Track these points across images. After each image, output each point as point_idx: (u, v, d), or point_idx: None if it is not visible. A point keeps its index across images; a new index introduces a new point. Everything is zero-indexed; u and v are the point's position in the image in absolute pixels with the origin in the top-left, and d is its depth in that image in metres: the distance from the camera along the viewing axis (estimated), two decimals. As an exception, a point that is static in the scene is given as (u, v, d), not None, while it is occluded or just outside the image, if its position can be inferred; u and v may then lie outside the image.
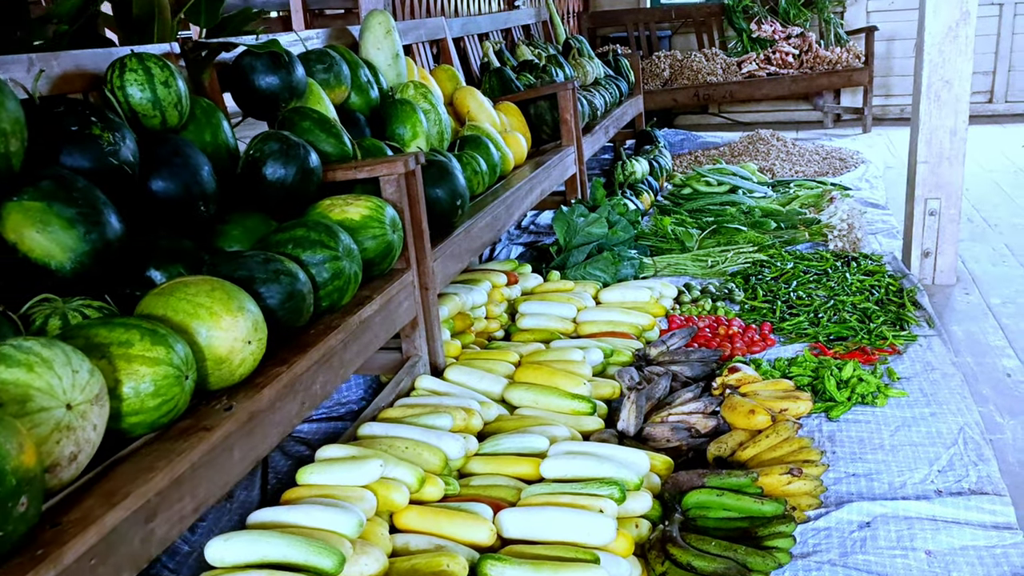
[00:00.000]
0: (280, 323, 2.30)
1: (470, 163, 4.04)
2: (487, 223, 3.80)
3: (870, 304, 3.95)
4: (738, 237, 4.93)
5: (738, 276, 4.52)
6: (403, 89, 4.03)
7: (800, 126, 9.35)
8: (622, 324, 3.75)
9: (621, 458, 2.49)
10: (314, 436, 3.25)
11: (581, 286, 4.14)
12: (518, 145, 4.77)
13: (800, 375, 3.32)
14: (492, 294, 3.86)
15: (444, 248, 3.32)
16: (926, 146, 4.14)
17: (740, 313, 4.09)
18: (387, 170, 2.93)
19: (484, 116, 4.72)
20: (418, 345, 3.08)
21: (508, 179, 4.49)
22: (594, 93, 6.12)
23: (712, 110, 9.63)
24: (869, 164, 7.05)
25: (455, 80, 4.87)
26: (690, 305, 4.16)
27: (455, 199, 3.37)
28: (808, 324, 3.84)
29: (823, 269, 4.47)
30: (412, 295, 3.02)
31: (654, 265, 4.71)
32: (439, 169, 3.38)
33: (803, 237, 5.03)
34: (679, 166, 7.41)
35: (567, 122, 5.23)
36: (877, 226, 5.37)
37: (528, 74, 5.76)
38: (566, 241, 4.69)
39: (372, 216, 2.79)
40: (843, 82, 8.39)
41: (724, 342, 3.71)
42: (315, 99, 3.36)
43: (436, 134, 4.05)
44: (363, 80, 3.75)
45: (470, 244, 3.58)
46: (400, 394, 2.90)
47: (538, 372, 3.08)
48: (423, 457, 2.36)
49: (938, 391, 3.22)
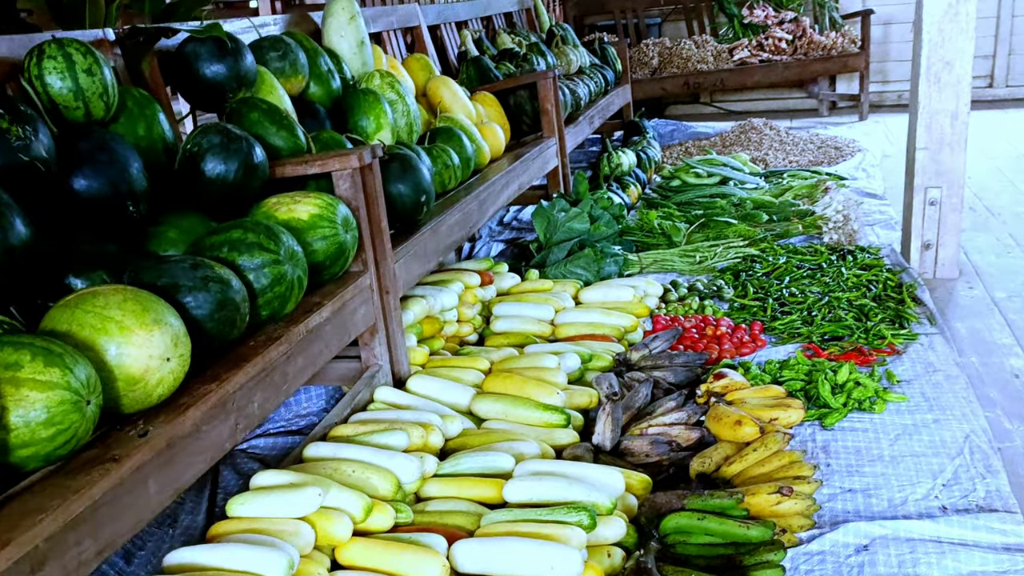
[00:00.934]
0: (210, 336, 2.07)
1: (440, 156, 3.81)
2: (458, 220, 3.56)
3: (867, 300, 3.71)
4: (728, 231, 4.69)
5: (727, 272, 4.28)
6: (368, 79, 3.79)
7: (794, 114, 9.10)
8: (603, 326, 3.52)
9: (593, 478, 2.25)
10: (270, 452, 3.02)
11: (561, 285, 3.91)
12: (495, 137, 4.54)
13: (792, 379, 3.09)
14: (464, 296, 3.62)
15: (408, 248, 3.08)
16: (926, 131, 3.91)
17: (729, 312, 3.85)
18: (340, 165, 2.69)
19: (458, 107, 4.48)
20: (378, 354, 2.84)
21: (484, 173, 4.26)
22: (578, 82, 5.88)
23: (703, 99, 9.38)
24: (866, 152, 6.81)
25: (428, 69, 4.62)
26: (676, 304, 3.93)
27: (419, 195, 3.14)
28: (801, 323, 3.61)
29: (817, 263, 4.24)
30: (370, 300, 2.79)
31: (639, 261, 4.47)
32: (402, 163, 3.14)
33: (796, 230, 4.80)
34: (669, 157, 7.17)
35: (548, 112, 4.99)
36: (874, 217, 5.13)
37: (508, 63, 5.51)
38: (546, 238, 4.46)
39: (322, 215, 2.56)
40: (838, 68, 8.14)
41: (711, 344, 3.48)
42: (267, 89, 3.13)
43: (404, 126, 3.81)
44: (323, 69, 3.51)
45: (438, 243, 3.35)
46: (356, 408, 2.67)
47: (508, 381, 2.85)
48: (372, 482, 2.13)
49: (941, 395, 2.99)
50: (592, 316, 3.57)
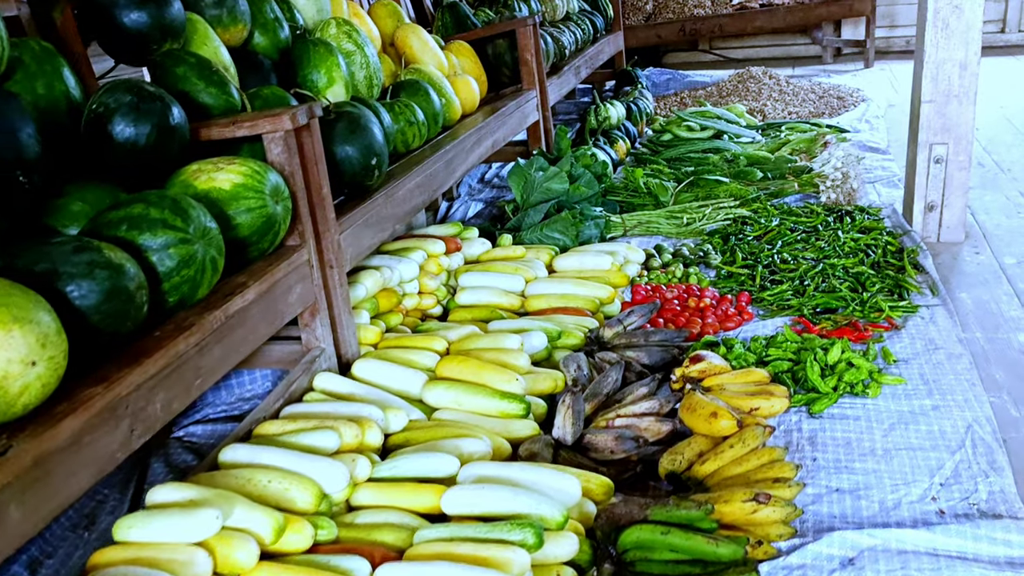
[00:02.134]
0: (98, 330, 1.80)
1: (403, 113, 3.50)
2: (419, 183, 3.27)
3: (864, 268, 3.42)
4: (718, 190, 4.39)
5: (716, 236, 3.99)
6: (323, 28, 3.47)
7: (797, 62, 8.72)
8: (576, 298, 3.24)
9: (545, 484, 2.00)
10: (208, 440, 2.77)
11: (534, 252, 3.62)
12: (468, 90, 4.22)
13: (779, 359, 2.82)
14: (427, 265, 3.34)
15: (357, 216, 2.80)
16: (932, 83, 3.59)
17: (716, 280, 3.57)
18: (271, 126, 2.40)
19: (428, 57, 4.16)
20: (320, 335, 2.58)
21: (454, 130, 3.95)
22: (563, 30, 5.53)
23: (702, 46, 8.99)
24: (870, 103, 6.47)
25: (396, 16, 4.29)
26: (659, 271, 3.65)
27: (369, 158, 2.84)
28: (792, 294, 3.33)
29: (813, 226, 3.94)
30: (309, 276, 2.51)
31: (623, 224, 4.18)
32: (349, 123, 2.84)
33: (792, 188, 4.49)
34: (663, 108, 6.83)
35: (527, 63, 4.66)
36: (876, 173, 4.82)
37: (487, 9, 5.17)
38: (523, 199, 4.17)
39: (246, 184, 2.27)
40: (843, 12, 7.76)
41: (694, 317, 3.21)
42: (201, 40, 2.82)
43: (363, 80, 3.50)
44: (269, 16, 3.20)
45: (395, 209, 3.06)
46: (292, 398, 2.40)
47: (464, 365, 2.58)
48: (290, 494, 1.87)
49: (942, 376, 2.72)
50: (565, 287, 3.30)
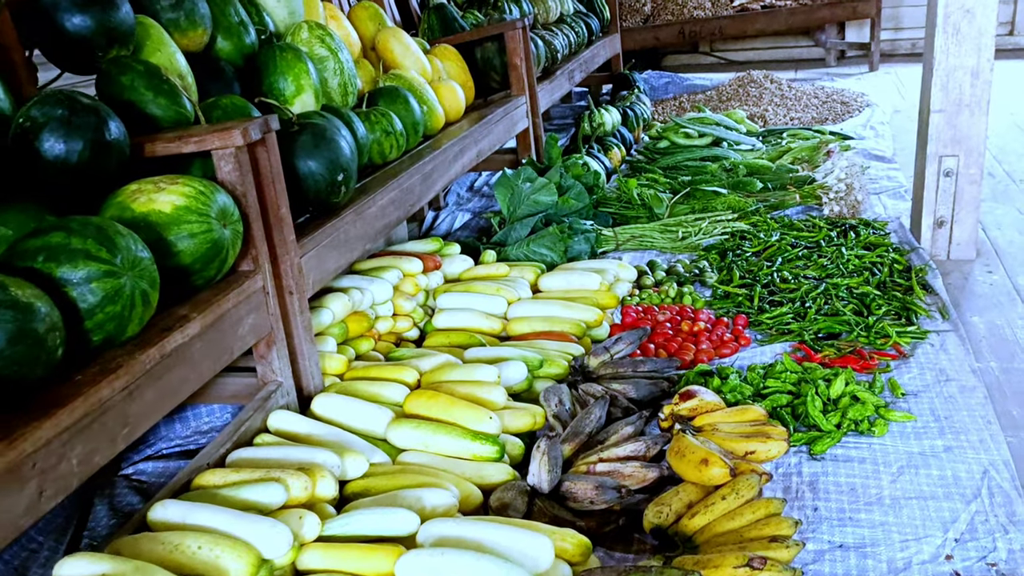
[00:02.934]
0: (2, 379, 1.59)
1: (380, 122, 3.29)
2: (394, 198, 3.06)
3: (870, 288, 3.21)
4: (716, 202, 4.17)
5: (713, 251, 3.78)
6: (294, 32, 3.26)
7: (800, 65, 8.50)
8: (561, 321, 3.03)
9: (514, 546, 1.78)
10: (159, 479, 2.55)
11: (519, 270, 3.41)
12: (453, 97, 4.01)
13: (777, 391, 2.61)
14: (402, 285, 3.13)
15: (320, 237, 2.59)
16: (942, 91, 3.37)
17: (711, 300, 3.36)
18: (220, 141, 2.19)
19: (411, 62, 3.95)
20: (276, 368, 2.36)
21: (436, 139, 3.74)
22: (556, 33, 5.32)
23: (702, 48, 8.77)
24: (875, 108, 6.25)
25: (378, 19, 4.08)
26: (652, 291, 3.43)
27: (334, 173, 2.63)
28: (792, 317, 3.11)
29: (815, 241, 3.73)
30: (264, 304, 2.30)
31: (615, 237, 3.97)
32: (314, 135, 2.63)
33: (793, 200, 4.28)
34: (661, 113, 6.62)
35: (516, 68, 4.45)
36: (882, 184, 4.60)
37: (476, 12, 4.96)
38: (510, 211, 3.95)
39: (189, 207, 2.06)
40: (847, 14, 7.54)
41: (687, 342, 2.99)
42: (154, 45, 2.61)
43: (337, 87, 3.29)
44: (234, 20, 2.99)
45: (366, 228, 2.85)
46: (242, 440, 2.19)
47: (435, 400, 2.37)
48: (222, 562, 1.66)
49: (954, 412, 2.50)
50: (550, 309, 3.08)
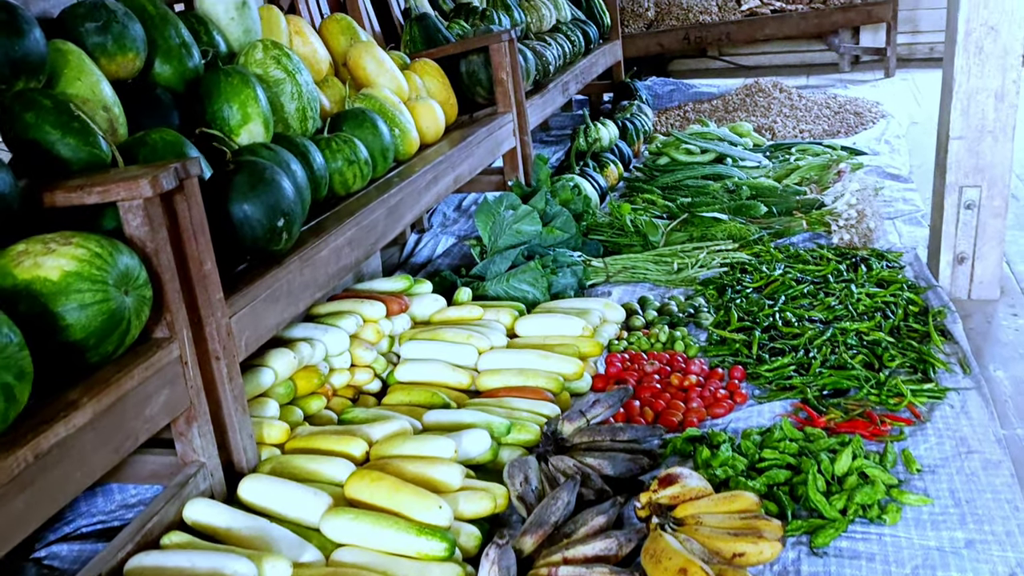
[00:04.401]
0: None
1: (341, 151, 3.00)
2: (352, 238, 2.76)
3: (882, 335, 2.89)
4: (715, 229, 3.86)
5: (711, 286, 3.46)
6: (248, 52, 2.97)
7: (812, 70, 8.15)
8: (537, 374, 2.72)
9: None
10: (73, 566, 2.27)
11: (495, 312, 3.10)
12: (431, 116, 3.71)
13: (775, 464, 2.30)
14: (362, 332, 2.84)
15: (257, 291, 2.29)
16: (962, 116, 3.04)
17: (707, 346, 3.05)
18: (126, 192, 1.90)
19: (385, 79, 3.65)
20: (198, 447, 2.07)
21: (409, 164, 3.44)
22: (549, 43, 5.01)
23: (711, 53, 8.44)
24: (890, 119, 5.91)
25: (350, 33, 3.79)
26: (641, 334, 3.12)
27: (274, 218, 2.33)
28: (795, 369, 2.80)
29: (822, 276, 3.41)
30: (181, 376, 2.01)
31: (605, 269, 3.66)
32: (250, 175, 2.33)
33: (800, 227, 3.95)
34: (665, 123, 6.29)
35: (502, 83, 4.15)
36: (897, 207, 4.27)
37: (463, 22, 4.65)
38: (491, 241, 3.65)
39: (81, 272, 1.77)
40: (862, 18, 7.19)
41: (676, 399, 2.69)
42: (73, 74, 2.32)
43: (295, 111, 3.00)
44: (174, 42, 2.70)
45: (315, 274, 2.55)
46: (149, 538, 1.90)
47: (378, 484, 2.07)
48: None
49: (977, 495, 2.19)
50: (525, 360, 2.78)
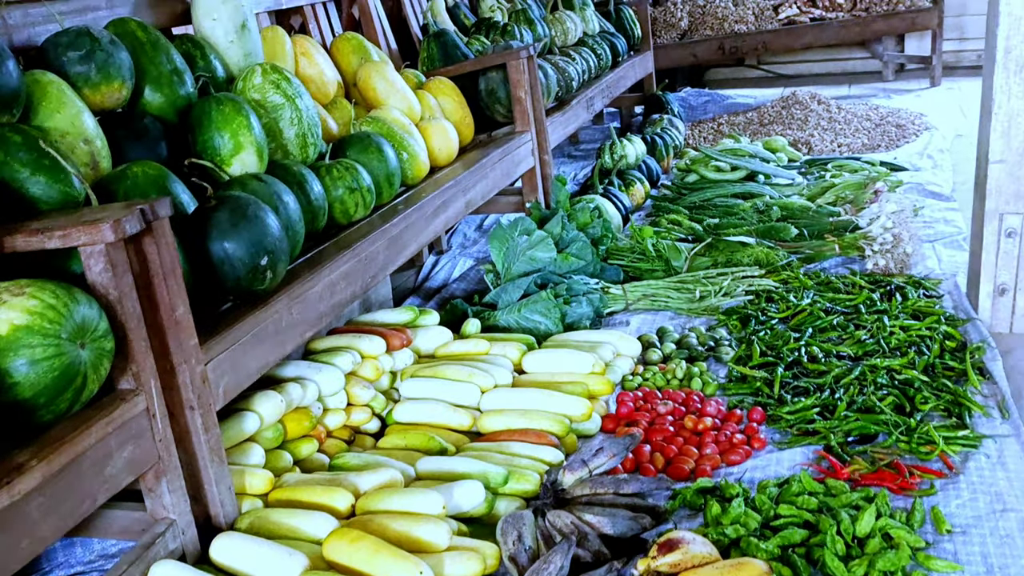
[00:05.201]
0: None
1: (342, 178, 2.89)
2: (348, 272, 2.64)
3: (914, 374, 2.70)
4: (741, 254, 3.68)
5: (734, 316, 3.29)
6: (246, 77, 2.86)
7: (854, 78, 7.90)
8: (541, 415, 2.58)
9: None
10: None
11: (502, 346, 2.96)
12: (443, 138, 3.58)
13: (791, 522, 2.13)
14: (360, 369, 2.71)
15: (239, 333, 2.17)
16: (1003, 139, 2.84)
17: (726, 384, 2.88)
18: (87, 236, 1.79)
19: (396, 100, 3.54)
20: (168, 504, 1.95)
21: (417, 190, 3.32)
22: (573, 58, 4.86)
23: (749, 61, 8.22)
24: (934, 132, 5.66)
25: (361, 52, 3.68)
26: (657, 369, 2.96)
27: (256, 256, 2.21)
28: (819, 411, 2.62)
29: (853, 305, 3.22)
30: (148, 430, 1.89)
31: (625, 296, 3.50)
32: (232, 212, 2.21)
33: (832, 251, 3.76)
34: (698, 136, 6.10)
35: (521, 101, 4.01)
36: (938, 228, 4.05)
37: (482, 37, 4.52)
38: (505, 268, 3.51)
39: (32, 326, 1.66)
40: (906, 26, 6.94)
41: (689, 444, 2.52)
42: (52, 106, 2.23)
43: (295, 137, 2.89)
44: (165, 69, 2.60)
45: (305, 314, 2.43)
46: (110, 604, 1.79)
47: (358, 544, 1.94)
48: None
49: (1012, 560, 2.00)
50: (529, 400, 2.64)
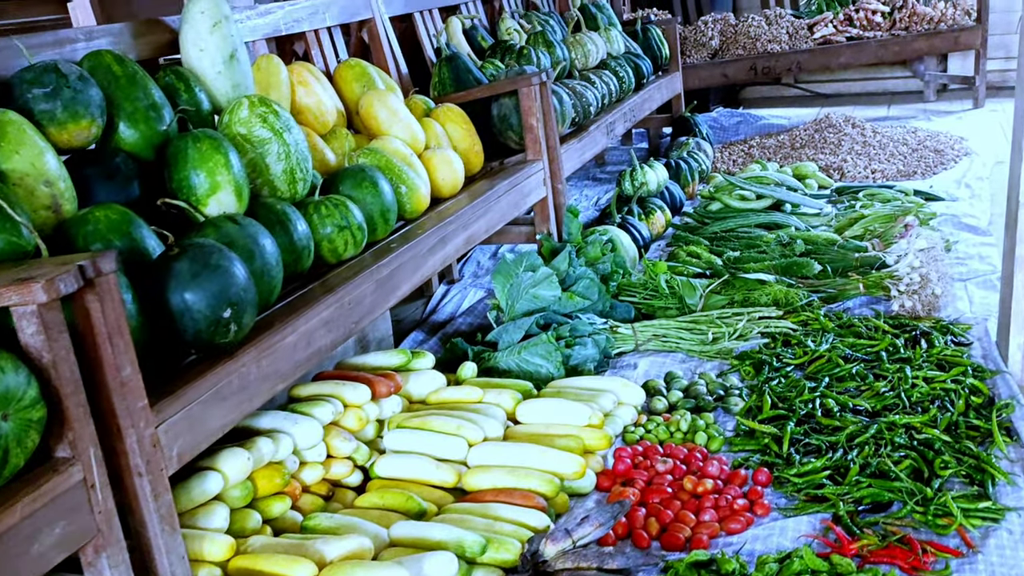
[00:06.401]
0: None
1: (331, 215, 2.76)
2: (329, 318, 2.49)
3: (936, 433, 2.50)
4: (759, 292, 3.49)
5: (747, 361, 3.10)
6: (232, 110, 2.74)
7: (894, 98, 7.64)
8: (531, 474, 2.42)
9: None
10: None
11: (496, 393, 2.80)
12: (448, 169, 3.44)
13: (789, 606, 1.95)
14: (343, 419, 2.57)
15: (197, 391, 2.04)
16: (1033, 180, 2.64)
17: (733, 438, 2.70)
18: (18, 296, 1.67)
19: (399, 129, 3.41)
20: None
21: (415, 225, 3.18)
22: (593, 81, 4.69)
23: (785, 80, 7.99)
24: (973, 158, 5.40)
25: (364, 79, 3.55)
26: (661, 419, 2.79)
27: (219, 308, 2.08)
28: (830, 475, 2.43)
29: (875, 352, 3.02)
30: (86, 502, 1.77)
31: (635, 336, 3.33)
32: (193, 261, 2.08)
33: (856, 289, 3.55)
34: (727, 159, 5.90)
35: (532, 129, 3.85)
36: (971, 266, 3.82)
37: (497, 61, 4.38)
38: (508, 306, 3.36)
39: (-52, 396, 1.55)
40: (948, 45, 6.68)
41: (687, 509, 2.35)
42: (11, 147, 2.12)
43: (282, 173, 2.76)
44: (141, 104, 2.48)
45: (277, 365, 2.29)
46: None
47: (311, 626, 1.80)
48: None
49: (1033, 660, 1.80)
50: (519, 455, 2.48)
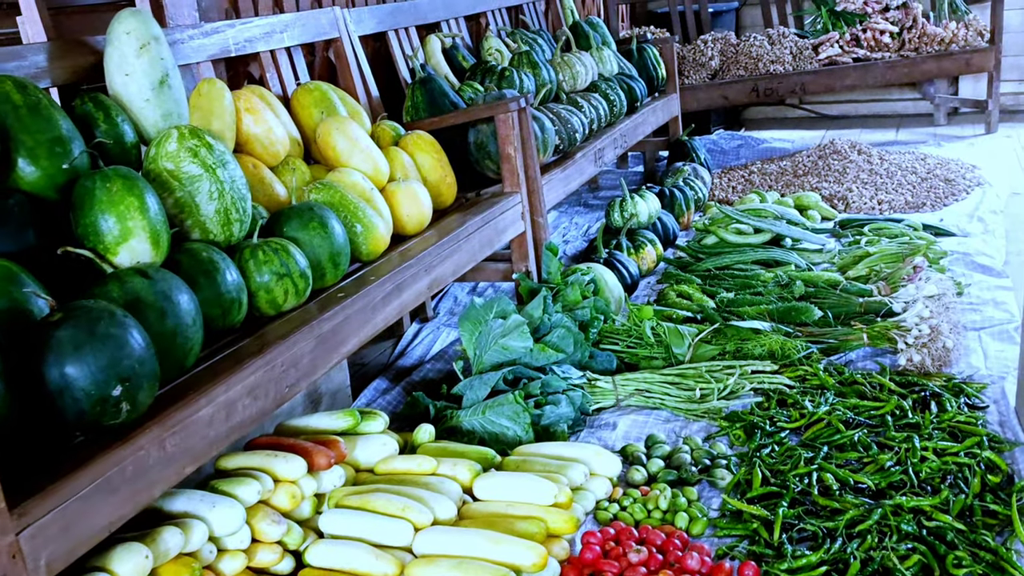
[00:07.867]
0: None
1: (269, 262, 2.46)
2: (251, 385, 2.18)
3: (948, 519, 2.18)
4: (753, 343, 3.17)
5: (737, 424, 2.79)
6: (159, 143, 2.44)
7: (903, 121, 7.32)
8: (482, 569, 2.10)
9: None
10: None
11: (451, 464, 2.49)
12: (413, 204, 3.14)
13: None
14: (273, 497, 2.26)
15: (75, 486, 1.72)
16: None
17: (718, 519, 2.38)
18: None
19: (359, 160, 3.11)
20: None
21: (373, 268, 2.87)
22: (580, 105, 4.39)
23: (790, 101, 7.69)
24: (986, 189, 5.08)
25: (324, 104, 3.26)
26: (639, 494, 2.47)
27: (107, 386, 1.77)
28: (826, 571, 2.11)
29: (879, 416, 2.71)
30: (-79, 629, 1.47)
31: (615, 391, 3.02)
32: (76, 328, 1.78)
33: (859, 340, 3.24)
34: (726, 185, 5.58)
35: (509, 159, 3.55)
36: (986, 312, 3.49)
37: (476, 83, 4.09)
38: (476, 356, 3.05)
39: None
40: (958, 68, 6.36)
41: (660, 612, 2.03)
42: None
43: (215, 214, 2.46)
44: (43, 137, 2.18)
45: (190, 443, 1.98)
46: None
47: None
48: None
49: None
50: (470, 544, 2.17)
